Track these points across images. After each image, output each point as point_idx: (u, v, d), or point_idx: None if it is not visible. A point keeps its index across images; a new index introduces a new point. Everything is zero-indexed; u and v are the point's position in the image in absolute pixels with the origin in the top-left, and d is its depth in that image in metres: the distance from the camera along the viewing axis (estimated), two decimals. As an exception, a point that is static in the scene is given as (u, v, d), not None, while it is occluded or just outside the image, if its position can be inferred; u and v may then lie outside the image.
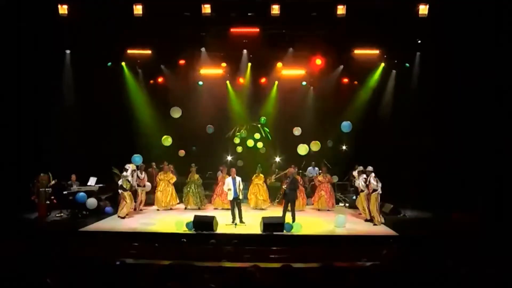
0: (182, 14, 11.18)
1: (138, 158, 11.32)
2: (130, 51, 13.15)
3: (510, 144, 9.97)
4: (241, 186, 9.95)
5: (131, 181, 10.88)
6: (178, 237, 8.24)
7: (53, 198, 10.83)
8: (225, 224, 9.58)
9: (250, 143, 13.87)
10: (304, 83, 14.66)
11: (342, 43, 12.50)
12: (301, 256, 6.23)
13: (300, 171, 12.25)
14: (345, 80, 14.39)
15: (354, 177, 11.42)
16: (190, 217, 9.27)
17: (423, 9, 10.46)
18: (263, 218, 9.04)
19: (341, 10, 10.56)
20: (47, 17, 10.75)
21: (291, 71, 14.08)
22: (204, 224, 8.98)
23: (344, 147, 14.25)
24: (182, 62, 13.80)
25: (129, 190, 10.74)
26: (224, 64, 13.93)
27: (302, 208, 11.94)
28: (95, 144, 12.42)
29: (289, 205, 9.95)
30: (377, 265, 4.65)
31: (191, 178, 12.24)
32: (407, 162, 12.21)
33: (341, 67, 14.01)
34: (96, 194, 11.41)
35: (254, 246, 7.07)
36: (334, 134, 13.66)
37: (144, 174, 11.89)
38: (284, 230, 8.87)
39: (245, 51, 13.78)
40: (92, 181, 11.53)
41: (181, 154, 13.28)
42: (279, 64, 13.72)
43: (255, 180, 12.21)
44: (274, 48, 12.89)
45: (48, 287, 3.31)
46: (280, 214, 9.77)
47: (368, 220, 10.27)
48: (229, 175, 10.32)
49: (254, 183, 12.23)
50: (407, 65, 13.25)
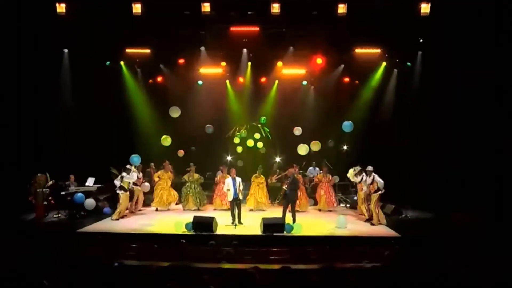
0: (181, 13, 11.20)
1: (136, 158, 11.32)
2: (129, 50, 13.14)
3: (510, 144, 9.99)
4: (241, 187, 9.96)
5: (131, 182, 10.89)
6: (177, 238, 8.24)
7: (50, 198, 10.84)
8: (224, 225, 9.59)
9: (250, 143, 13.87)
10: (304, 83, 14.63)
11: (343, 42, 12.51)
12: (301, 257, 6.24)
13: (300, 171, 12.26)
14: (346, 79, 14.36)
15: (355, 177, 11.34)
16: (189, 217, 9.28)
17: (425, 7, 10.47)
18: (263, 219, 9.05)
19: (342, 8, 10.59)
20: (45, 16, 10.76)
21: (292, 71, 14.06)
22: (203, 225, 9.00)
23: (345, 147, 14.25)
24: (181, 61, 13.80)
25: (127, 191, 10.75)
26: (223, 63, 13.91)
27: (305, 209, 11.98)
28: (93, 144, 12.43)
29: (289, 205, 9.95)
30: (378, 266, 4.66)
31: (191, 178, 12.24)
32: (409, 162, 12.20)
33: (342, 66, 13.99)
34: (94, 195, 11.43)
35: (254, 247, 7.06)
36: (335, 134, 13.65)
37: (141, 174, 11.90)
38: (284, 231, 8.88)
39: (245, 50, 13.78)
40: (90, 181, 11.54)
41: (180, 154, 13.28)
42: (280, 63, 13.72)
43: (256, 180, 12.21)
44: (274, 47, 12.90)
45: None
46: (280, 215, 9.78)
47: (367, 220, 10.29)
48: (229, 175, 10.34)
49: (255, 184, 12.22)
50: (409, 64, 13.25)
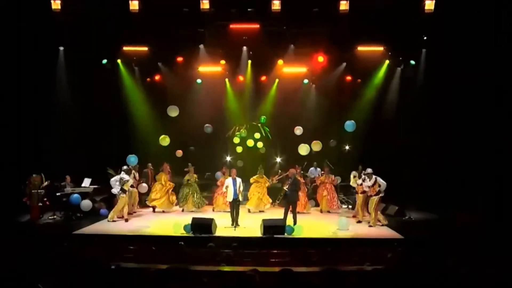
0: (180, 10, 11.20)
1: (133, 159, 11.31)
2: (126, 48, 13.13)
3: (511, 143, 10.02)
4: (241, 188, 9.94)
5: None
6: (176, 240, 8.24)
7: (46, 199, 10.81)
8: (224, 226, 9.58)
9: (250, 143, 13.87)
10: (305, 81, 14.64)
11: (345, 40, 12.47)
12: (302, 259, 6.24)
13: (301, 172, 12.26)
14: (348, 78, 14.36)
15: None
16: (188, 219, 9.27)
17: (429, 4, 10.47)
18: (264, 221, 9.04)
19: (343, 5, 10.58)
20: (40, 13, 10.75)
21: (292, 69, 14.05)
22: (202, 226, 8.98)
23: (347, 147, 14.25)
24: (180, 59, 13.78)
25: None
26: (223, 61, 13.90)
27: (308, 210, 12.01)
28: (90, 144, 12.42)
29: (290, 206, 9.95)
30: (380, 269, 4.65)
31: (191, 180, 12.21)
32: (413, 162, 12.20)
33: (344, 65, 13.99)
34: (90, 196, 11.42)
35: (254, 249, 7.06)
36: (337, 134, 13.66)
37: (137, 174, 11.88)
38: (285, 233, 8.88)
39: (245, 48, 13.76)
40: (86, 182, 11.51)
41: (178, 154, 13.27)
42: (280, 61, 13.71)
43: (256, 181, 12.18)
44: (275, 45, 12.90)
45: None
46: (281, 216, 9.77)
47: (360, 221, 10.39)
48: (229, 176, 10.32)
49: (255, 185, 12.20)
50: (413, 62, 13.25)
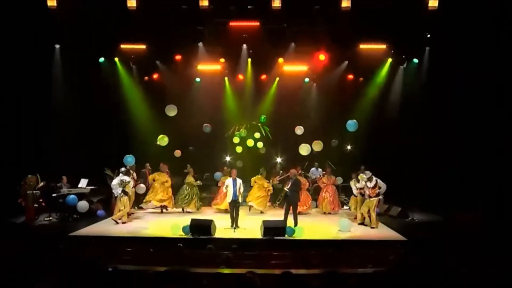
0: (178, 7, 11.20)
1: (130, 159, 11.27)
2: (123, 46, 13.13)
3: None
4: (241, 189, 9.93)
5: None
6: (175, 241, 8.24)
7: (41, 200, 10.79)
8: (223, 228, 9.59)
9: (250, 143, 13.86)
10: (306, 80, 14.66)
11: (346, 38, 12.47)
12: (303, 261, 6.23)
13: (302, 172, 12.26)
14: (350, 76, 14.38)
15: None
16: (186, 220, 9.27)
17: (433, 1, 10.47)
18: (264, 222, 9.04)
19: (345, 2, 10.59)
20: (35, 9, 10.75)
21: (293, 67, 14.06)
22: (201, 228, 8.98)
23: (349, 147, 14.25)
24: (178, 57, 13.79)
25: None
26: (222, 59, 13.90)
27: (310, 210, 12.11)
28: (87, 144, 12.41)
29: (291, 208, 9.94)
30: (382, 271, 4.65)
31: (190, 180, 12.20)
32: (415, 162, 12.20)
33: (345, 63, 14.00)
34: (87, 197, 11.42)
35: (254, 251, 7.07)
36: (338, 134, 13.66)
37: (134, 174, 11.85)
38: (285, 235, 8.88)
39: (244, 46, 13.78)
40: (83, 182, 11.49)
41: (177, 154, 13.27)
42: (281, 60, 13.72)
43: (257, 181, 12.16)
44: (275, 43, 12.90)
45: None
46: (281, 217, 9.77)
47: (362, 223, 10.38)
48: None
49: (255, 186, 12.18)
50: (416, 60, 13.25)
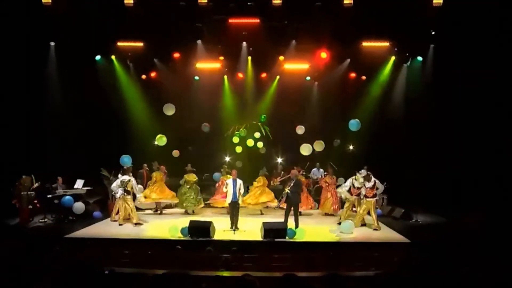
0: (177, 4, 11.21)
1: (127, 159, 11.23)
2: (120, 44, 13.14)
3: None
4: (241, 190, 9.92)
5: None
6: (173, 243, 8.25)
7: (36, 202, 10.79)
8: (222, 230, 9.59)
9: (250, 143, 13.87)
10: (308, 78, 14.66)
11: (349, 35, 12.47)
12: (304, 264, 6.25)
13: (303, 173, 12.26)
14: (352, 74, 14.39)
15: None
16: (185, 222, 9.28)
17: (438, -3, 10.49)
18: (264, 224, 9.05)
19: (348, -1, 10.59)
20: (29, 5, 10.75)
21: (294, 65, 14.08)
22: (200, 230, 8.98)
23: (351, 147, 14.26)
24: (176, 55, 13.81)
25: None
26: (222, 57, 13.92)
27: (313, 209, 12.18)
28: (83, 144, 12.39)
29: (291, 209, 9.95)
30: (385, 273, 4.66)
31: (190, 177, 12.17)
32: (418, 162, 12.21)
33: (348, 61, 14.02)
34: (83, 198, 11.42)
35: (254, 253, 7.08)
36: (340, 133, 13.67)
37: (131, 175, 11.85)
38: (286, 236, 8.89)
39: (244, 44, 13.80)
40: (79, 183, 11.49)
41: (175, 154, 13.27)
42: (281, 57, 13.74)
43: (257, 183, 12.16)
44: (276, 40, 12.91)
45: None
46: (282, 219, 9.77)
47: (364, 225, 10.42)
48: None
49: (255, 186, 12.17)
50: (420, 58, 13.25)
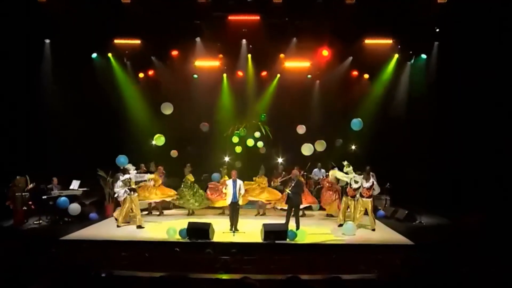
0: (175, 0, 11.20)
1: (123, 159, 11.19)
2: (117, 41, 13.15)
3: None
4: (241, 190, 9.91)
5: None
6: (171, 245, 8.24)
7: (30, 203, 10.77)
8: (222, 231, 9.58)
9: (250, 143, 13.85)
10: (309, 77, 14.66)
11: (351, 33, 12.50)
12: (306, 266, 6.24)
13: (304, 173, 12.26)
14: (354, 73, 14.41)
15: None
16: (183, 223, 9.27)
17: (442, -6, 10.49)
18: (264, 225, 9.04)
19: (350, -5, 10.60)
20: (24, 2, 10.75)
21: (295, 63, 14.09)
22: (199, 231, 8.97)
23: (353, 147, 14.26)
24: (175, 53, 13.82)
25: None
26: (221, 55, 13.92)
27: (315, 209, 12.19)
28: (79, 144, 12.41)
29: (292, 210, 9.94)
30: (388, 276, 4.66)
31: (191, 179, 12.17)
32: (422, 163, 12.21)
33: (350, 59, 14.03)
34: (79, 199, 11.42)
35: (255, 255, 7.07)
36: (342, 133, 13.66)
37: None
38: (287, 238, 8.89)
39: (244, 41, 13.81)
40: (75, 184, 11.48)
41: (173, 154, 13.27)
42: (282, 55, 13.74)
43: (258, 181, 12.14)
44: (276, 38, 12.93)
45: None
46: (282, 220, 9.77)
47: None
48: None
49: (254, 186, 12.16)
50: (424, 56, 13.25)
